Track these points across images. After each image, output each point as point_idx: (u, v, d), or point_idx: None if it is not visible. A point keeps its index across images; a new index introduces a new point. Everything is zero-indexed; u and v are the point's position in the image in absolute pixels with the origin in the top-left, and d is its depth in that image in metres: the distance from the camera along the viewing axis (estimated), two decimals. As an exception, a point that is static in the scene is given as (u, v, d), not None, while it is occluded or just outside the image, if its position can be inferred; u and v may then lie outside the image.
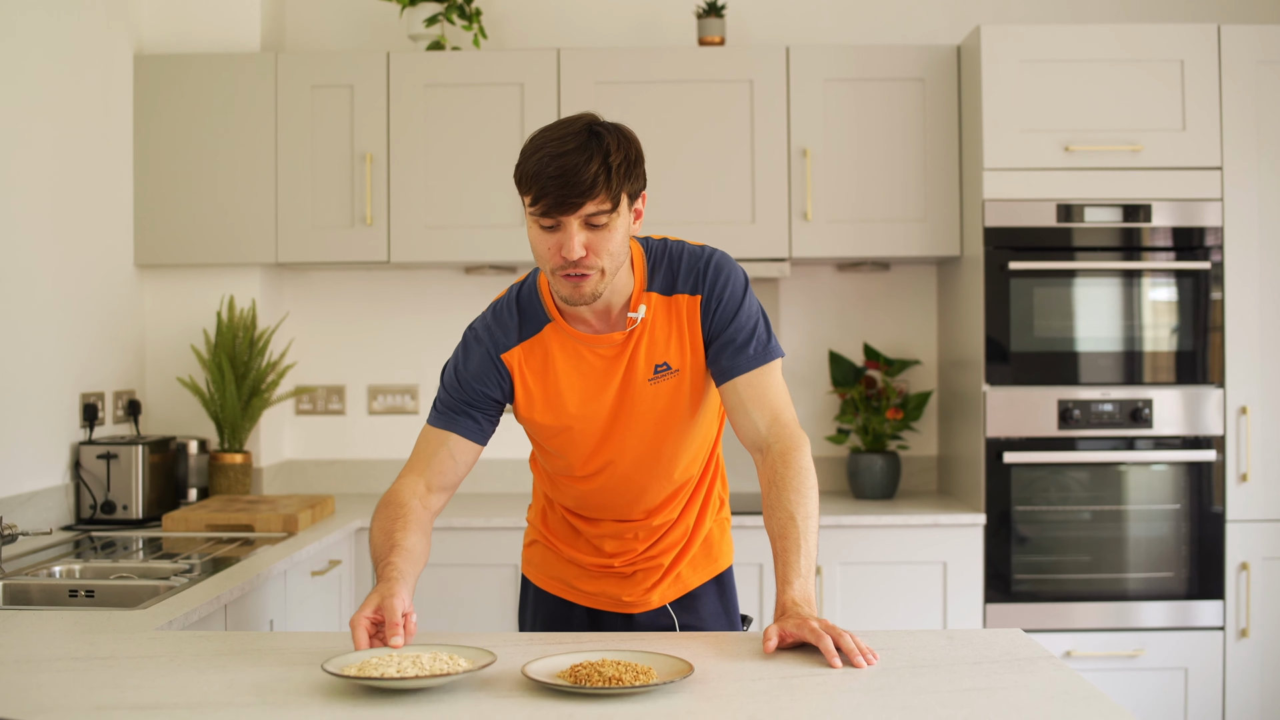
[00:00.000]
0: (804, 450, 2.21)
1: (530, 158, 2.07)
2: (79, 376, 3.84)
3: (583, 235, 2.07)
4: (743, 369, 2.23)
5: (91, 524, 3.77)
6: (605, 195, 2.05)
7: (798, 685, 1.83)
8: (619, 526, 2.43)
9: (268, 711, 1.72)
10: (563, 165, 2.03)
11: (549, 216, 2.07)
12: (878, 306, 4.58)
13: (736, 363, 2.24)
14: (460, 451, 2.30)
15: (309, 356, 4.60)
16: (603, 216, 2.07)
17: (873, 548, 3.93)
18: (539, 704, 1.73)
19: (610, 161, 2.05)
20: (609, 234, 2.09)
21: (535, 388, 2.29)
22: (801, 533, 2.11)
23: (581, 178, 2.03)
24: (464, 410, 2.29)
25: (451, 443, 2.30)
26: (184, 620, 2.49)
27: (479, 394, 2.29)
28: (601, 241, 2.09)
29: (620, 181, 2.07)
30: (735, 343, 2.23)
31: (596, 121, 2.12)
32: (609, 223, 2.08)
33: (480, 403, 2.30)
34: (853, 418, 4.37)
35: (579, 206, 2.05)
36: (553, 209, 2.05)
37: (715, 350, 2.25)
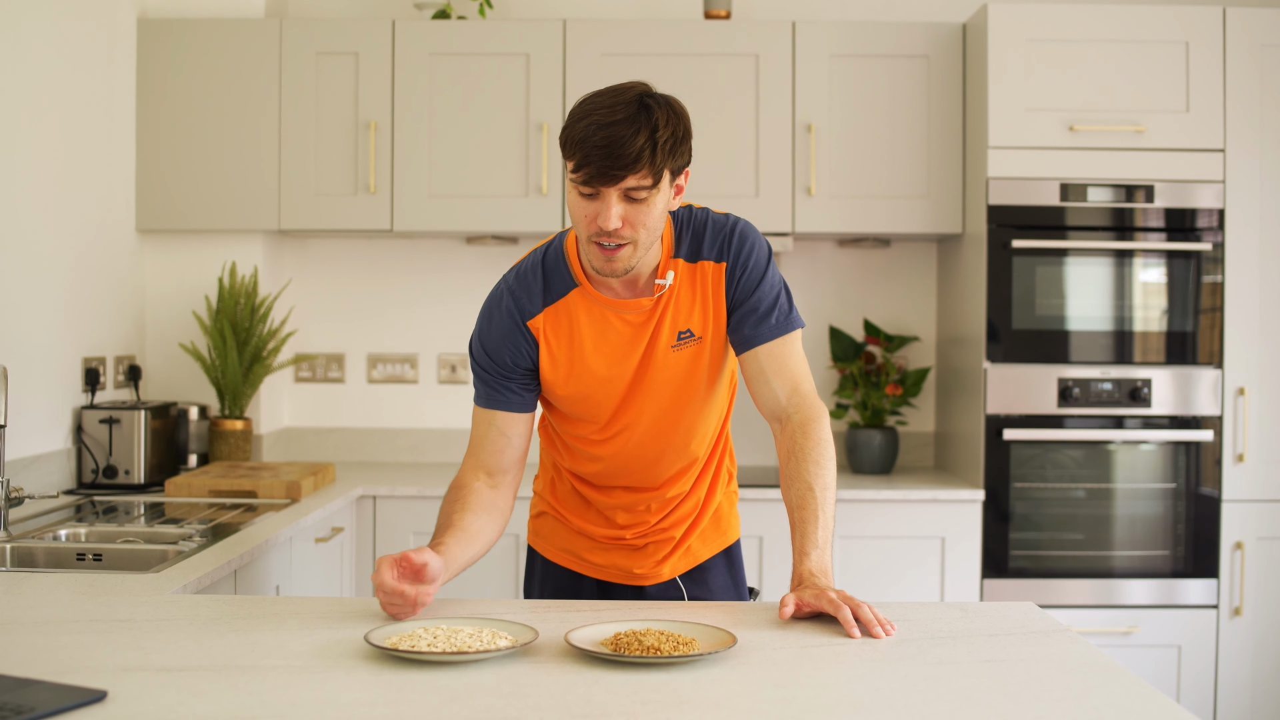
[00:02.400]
0: (823, 422, 2.22)
1: (578, 123, 2.04)
2: (81, 341, 3.83)
3: (620, 207, 2.05)
4: (764, 338, 2.23)
5: (93, 488, 3.76)
6: (648, 171, 2.03)
7: (818, 655, 1.84)
8: (632, 497, 2.42)
9: (292, 675, 1.72)
10: (609, 136, 2.00)
11: (589, 185, 2.04)
12: (878, 282, 4.60)
13: (758, 332, 2.23)
14: (510, 426, 2.29)
15: (309, 324, 4.60)
16: (643, 191, 2.05)
17: (871, 522, 3.95)
18: (580, 671, 1.74)
19: (657, 137, 2.02)
20: (647, 209, 2.07)
21: (560, 353, 2.27)
22: (819, 504, 2.12)
23: (626, 151, 2.00)
24: (501, 385, 2.28)
25: (499, 421, 2.29)
26: (197, 584, 2.49)
27: (510, 365, 2.27)
28: (639, 215, 2.07)
29: (665, 158, 2.04)
30: (758, 312, 2.23)
31: (649, 93, 2.08)
32: (648, 198, 2.06)
33: (514, 374, 2.28)
34: (852, 393, 4.38)
35: (620, 179, 2.02)
36: (594, 179, 2.03)
37: (738, 319, 2.25)
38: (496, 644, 1.81)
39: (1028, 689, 1.68)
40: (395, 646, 1.79)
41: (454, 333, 4.56)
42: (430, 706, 1.59)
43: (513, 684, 1.68)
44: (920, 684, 1.70)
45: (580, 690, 1.66)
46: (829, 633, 1.96)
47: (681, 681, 1.69)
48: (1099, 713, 1.58)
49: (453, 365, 4.59)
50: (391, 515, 3.96)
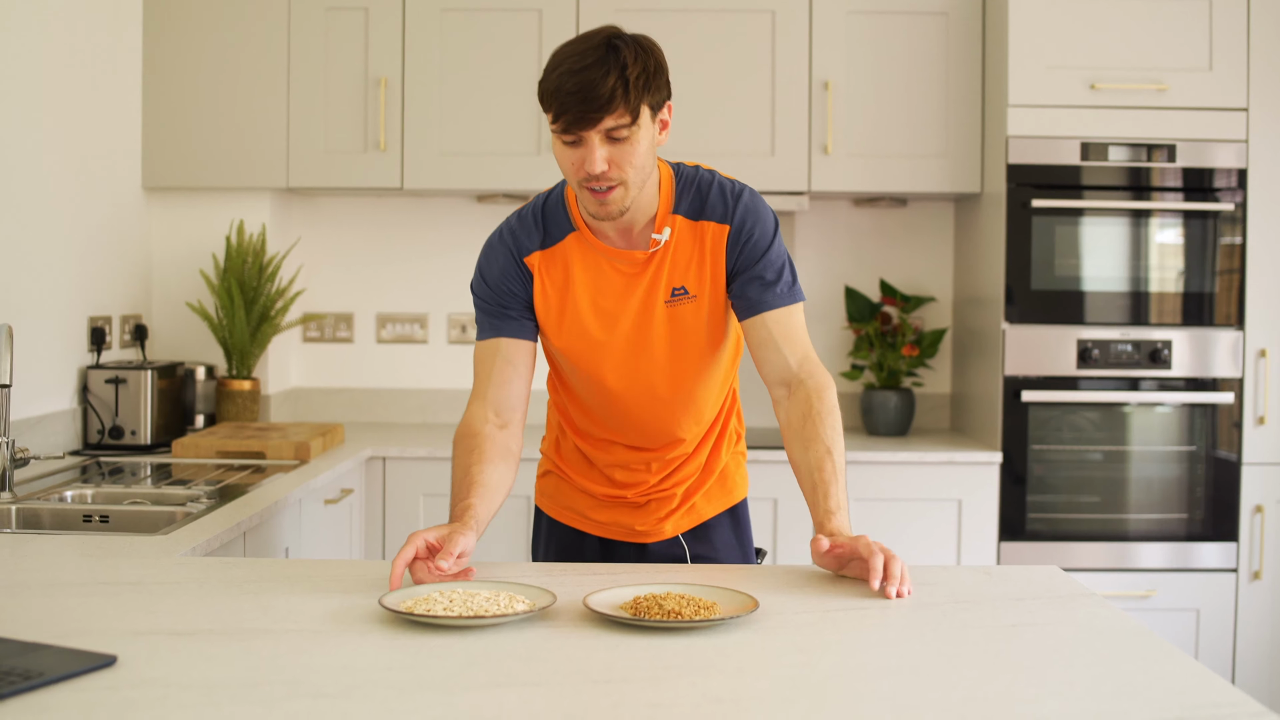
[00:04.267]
0: (834, 390, 2.20)
1: (550, 75, 2.05)
2: (87, 300, 3.79)
3: (604, 150, 2.05)
4: (772, 304, 2.21)
5: (99, 449, 3.73)
6: (624, 109, 2.03)
7: (842, 619, 1.80)
8: (630, 455, 2.41)
9: (305, 639, 1.69)
10: (580, 81, 2.00)
11: (570, 132, 2.05)
12: (894, 242, 4.54)
13: (765, 298, 2.21)
14: (515, 354, 2.26)
15: (318, 283, 4.55)
16: (623, 130, 2.04)
17: (887, 484, 3.91)
18: (599, 636, 1.70)
19: (628, 75, 2.02)
20: (631, 147, 2.07)
21: (553, 296, 2.26)
22: (837, 469, 2.10)
23: (599, 93, 2.00)
24: (502, 313, 2.27)
25: (504, 348, 2.26)
26: (205, 546, 2.46)
27: (509, 294, 2.27)
28: (624, 155, 2.07)
29: (639, 94, 2.04)
30: (764, 279, 2.21)
31: (616, 34, 2.09)
32: (630, 135, 2.06)
33: (513, 303, 2.27)
34: (868, 353, 4.34)
35: (598, 121, 2.02)
36: (572, 125, 2.03)
37: (741, 284, 2.22)
38: (514, 608, 1.77)
39: (1056, 654, 1.64)
40: (410, 610, 1.75)
41: (464, 292, 4.50)
42: (447, 671, 1.55)
43: (531, 648, 1.65)
44: (946, 648, 1.66)
45: (600, 655, 1.62)
46: (852, 596, 1.92)
47: (703, 646, 1.66)
48: (1130, 679, 1.54)
49: (463, 325, 4.54)
50: (401, 476, 3.93)
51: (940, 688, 1.50)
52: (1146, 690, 1.50)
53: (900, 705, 1.43)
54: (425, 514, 3.91)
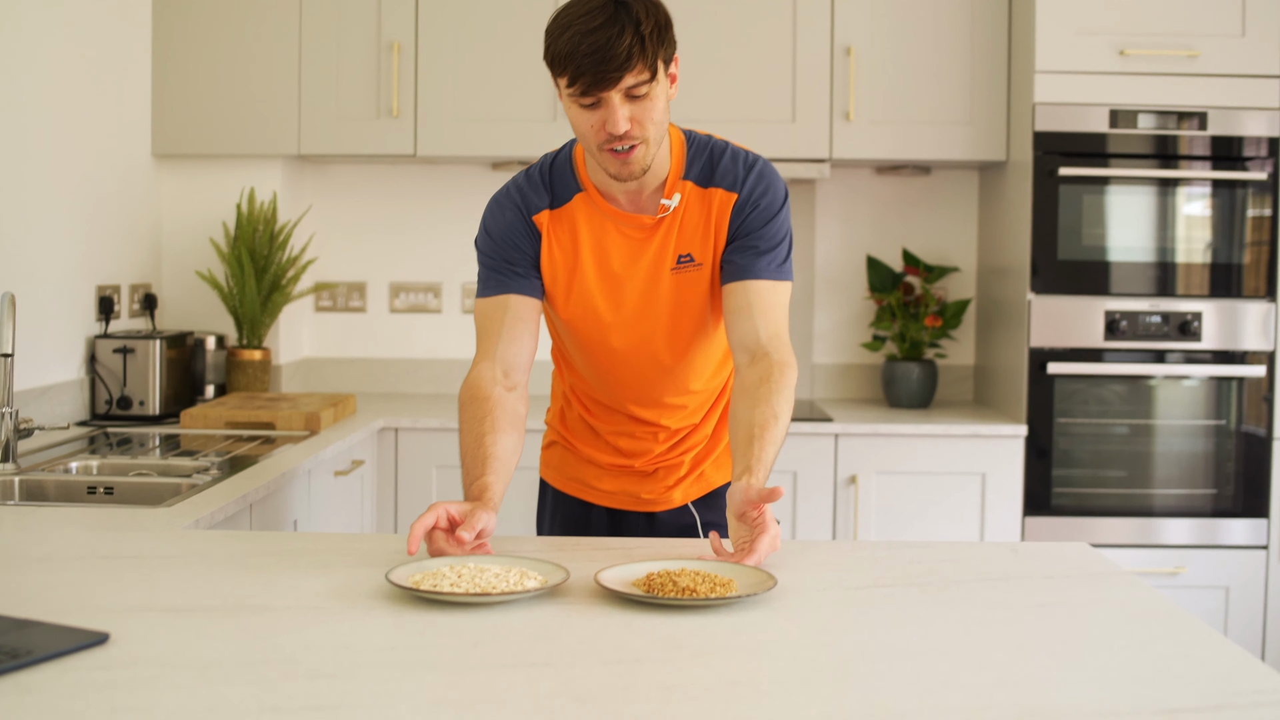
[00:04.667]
0: (795, 374, 2.11)
1: (560, 38, 1.98)
2: (95, 269, 3.73)
3: (625, 109, 1.99)
4: (759, 274, 2.14)
5: (107, 419, 3.67)
6: (643, 65, 1.97)
7: (864, 598, 1.73)
8: (635, 425, 2.36)
9: (307, 616, 1.63)
10: (595, 41, 1.94)
11: (588, 95, 1.98)
12: (917, 211, 4.45)
13: (755, 266, 2.14)
14: (524, 311, 2.20)
15: (330, 252, 4.49)
16: (643, 87, 1.99)
17: (909, 457, 3.84)
18: (611, 614, 1.64)
19: (642, 30, 1.96)
20: (651, 103, 2.01)
21: (559, 258, 2.20)
22: (777, 436, 2.01)
23: (616, 51, 1.94)
24: (509, 270, 2.20)
25: (513, 305, 2.19)
26: (210, 519, 2.40)
27: (517, 250, 2.20)
28: (645, 112, 2.01)
29: (654, 48, 1.98)
30: (758, 248, 2.15)
31: None
32: (649, 92, 2.00)
33: (520, 260, 2.20)
34: (890, 324, 4.26)
35: (618, 81, 1.96)
36: (591, 87, 1.97)
37: (734, 248, 2.16)
38: (524, 584, 1.70)
39: (1090, 635, 1.57)
40: (417, 585, 1.69)
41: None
42: (453, 650, 1.48)
43: (540, 626, 1.58)
44: (974, 629, 1.59)
45: (612, 634, 1.55)
46: (875, 574, 1.86)
47: (719, 625, 1.59)
48: (1168, 663, 1.46)
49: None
50: (414, 448, 3.86)
51: (969, 669, 1.43)
52: (1187, 675, 1.42)
53: (926, 689, 1.36)
54: (438, 485, 3.85)
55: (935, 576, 1.84)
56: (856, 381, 4.46)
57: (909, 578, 1.83)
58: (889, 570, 1.88)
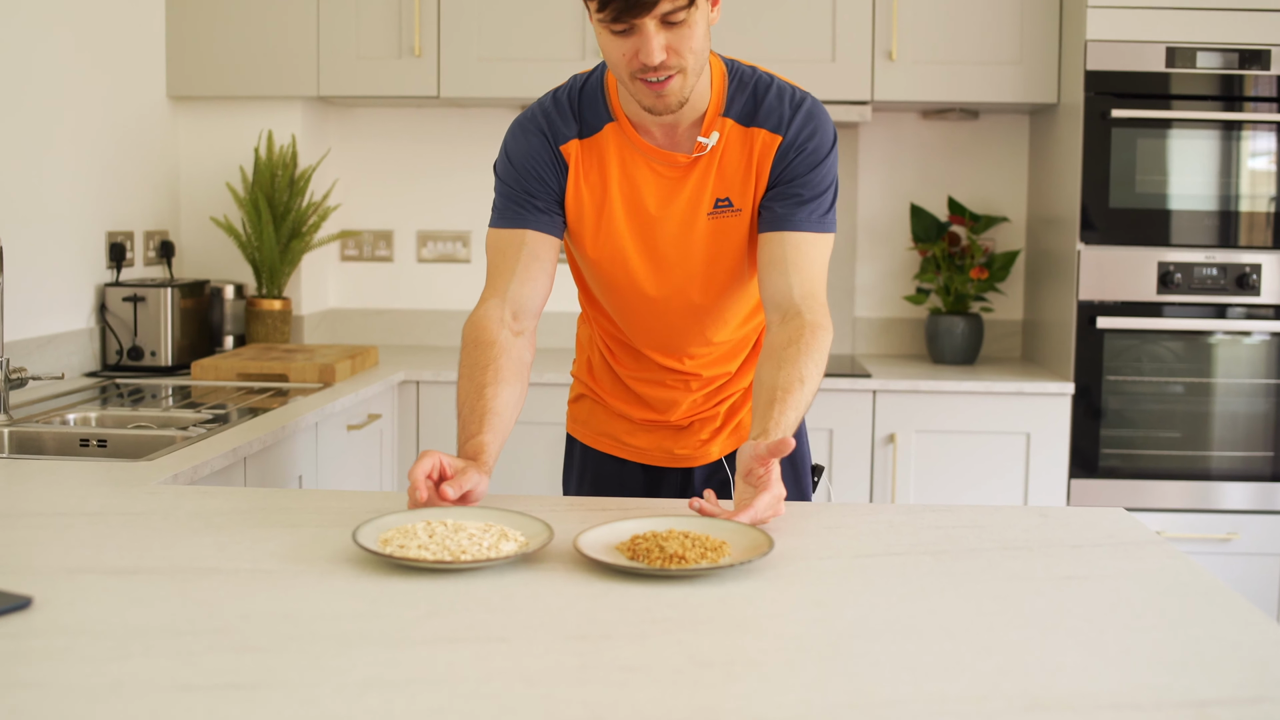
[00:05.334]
0: (829, 337, 1.95)
1: None
2: (106, 214, 3.61)
3: (661, 37, 1.81)
4: (797, 225, 1.98)
5: (118, 370, 3.57)
6: None
7: (871, 567, 1.57)
8: (664, 374, 2.21)
9: (257, 581, 1.49)
10: None
11: (621, 21, 1.80)
12: (964, 158, 4.25)
13: (794, 216, 1.98)
14: (541, 249, 2.03)
15: (355, 199, 4.35)
16: (680, 13, 1.80)
17: (952, 415, 3.66)
18: (589, 583, 1.48)
19: None
20: (689, 30, 1.83)
21: (587, 195, 2.04)
22: (802, 401, 1.85)
23: None
24: (529, 202, 2.03)
25: (530, 241, 2.02)
26: (193, 474, 2.27)
27: (539, 181, 2.03)
28: (682, 40, 1.83)
29: None
30: (800, 197, 1.98)
31: None
32: (688, 18, 1.82)
33: (542, 192, 2.03)
34: (934, 276, 4.07)
35: (652, 6, 1.78)
36: (624, 13, 1.79)
37: (774, 195, 2.00)
38: (500, 548, 1.56)
39: (1116, 614, 1.40)
40: (386, 543, 1.56)
41: (507, 210, 4.29)
42: (404, 621, 1.34)
43: (507, 596, 1.43)
44: (988, 604, 1.42)
45: (583, 605, 1.40)
46: (887, 540, 1.69)
47: (705, 597, 1.43)
48: (1199, 645, 1.29)
49: (506, 245, 4.32)
50: (436, 402, 3.73)
51: (974, 651, 1.26)
52: (1221, 661, 1.25)
53: (923, 674, 1.20)
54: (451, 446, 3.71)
55: (952, 544, 1.68)
56: (899, 336, 4.28)
57: (923, 545, 1.67)
58: (902, 537, 1.71)
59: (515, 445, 3.67)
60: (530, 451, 3.69)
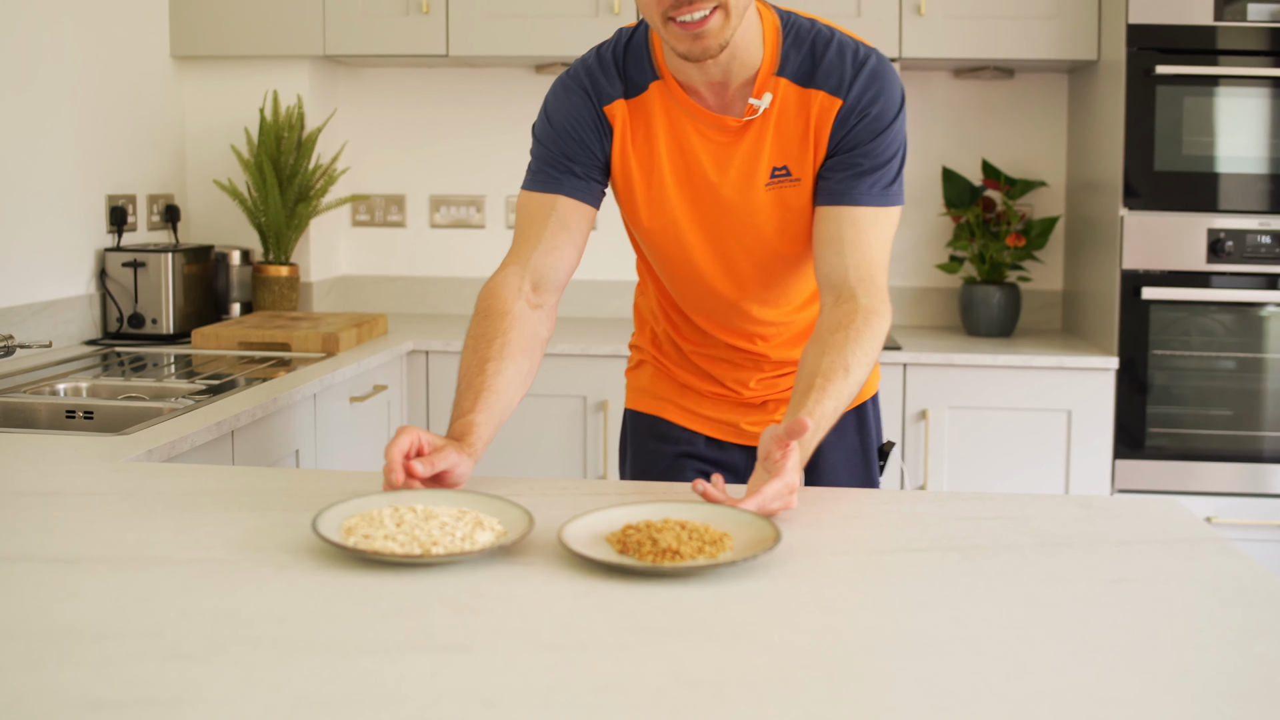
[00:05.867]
0: (887, 324, 1.78)
1: None
2: (107, 177, 3.47)
3: None
4: (856, 200, 1.80)
5: (118, 339, 3.43)
6: None
7: (889, 566, 1.41)
8: (731, 353, 2.06)
9: (205, 573, 1.34)
10: None
11: None
12: (999, 119, 4.05)
13: (853, 190, 1.80)
14: (573, 218, 1.88)
15: (365, 162, 4.20)
16: None
17: (987, 391, 3.48)
18: (571, 581, 1.32)
19: None
20: None
21: (635, 160, 1.88)
22: (842, 390, 1.68)
23: None
24: (565, 166, 1.87)
25: (561, 208, 1.87)
26: (170, 449, 2.13)
27: (579, 144, 1.87)
28: None
29: None
30: (861, 167, 1.80)
31: None
32: None
33: (581, 156, 1.88)
34: (968, 244, 3.88)
35: None
36: None
37: (833, 164, 1.82)
38: (474, 539, 1.40)
39: (1169, 626, 1.22)
40: (349, 532, 1.41)
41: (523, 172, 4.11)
42: (356, 625, 1.19)
43: (477, 594, 1.28)
44: (1021, 612, 1.25)
45: (561, 608, 1.24)
46: (909, 534, 1.53)
47: (699, 599, 1.27)
48: (1269, 669, 1.12)
49: (524, 210, 4.15)
50: (446, 373, 3.57)
51: (1004, 673, 1.10)
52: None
53: (942, 698, 1.04)
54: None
55: (983, 539, 1.51)
56: (931, 306, 4.10)
57: (950, 540, 1.50)
58: (927, 529, 1.55)
59: (529, 416, 3.51)
60: (548, 423, 3.53)
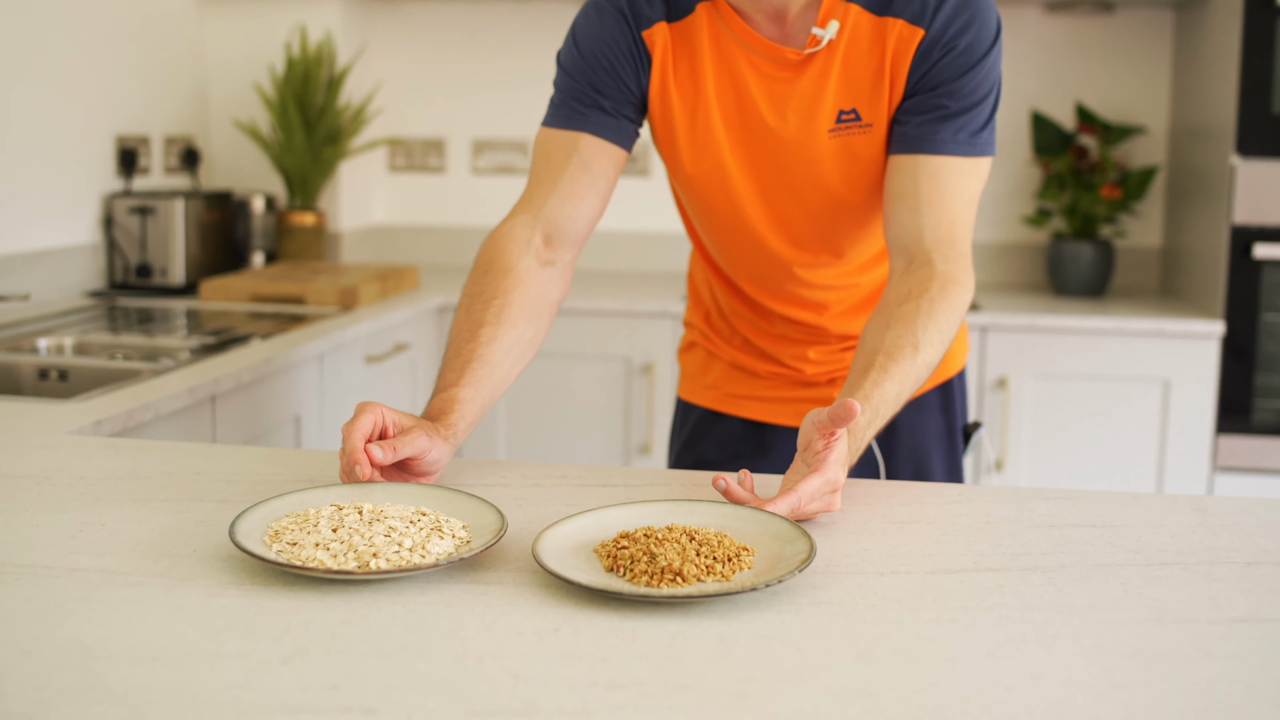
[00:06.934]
0: (967, 298, 1.50)
1: None
2: (117, 116, 3.21)
3: None
4: (938, 148, 1.52)
5: (125, 290, 3.18)
6: None
7: (951, 592, 1.09)
8: (788, 327, 1.79)
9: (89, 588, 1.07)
10: None
11: None
12: (1096, 59, 3.70)
13: (935, 136, 1.52)
14: (596, 160, 1.59)
15: (403, 104, 3.91)
16: None
17: (1075, 357, 3.14)
18: (535, 607, 1.03)
19: None
20: None
21: (676, 94, 1.60)
22: (908, 374, 1.40)
23: None
24: (592, 99, 1.60)
25: (584, 147, 1.59)
26: (127, 420, 1.86)
27: (609, 73, 1.60)
28: None
29: None
30: (946, 110, 1.52)
31: None
32: None
33: (611, 89, 1.60)
34: (1057, 195, 3.54)
35: None
36: None
37: (912, 106, 1.54)
38: (427, 549, 1.12)
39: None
40: (276, 536, 1.15)
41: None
42: (243, 670, 0.90)
43: (413, 627, 0.99)
44: (1121, 666, 0.94)
45: (514, 651, 0.95)
46: (979, 547, 1.21)
47: (700, 639, 0.97)
48: None
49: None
50: (480, 331, 3.28)
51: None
52: None
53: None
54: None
55: (1072, 556, 1.19)
56: (1015, 264, 3.75)
57: (1031, 555, 1.19)
58: (1002, 540, 1.23)
59: (566, 378, 3.22)
60: (588, 388, 3.24)
